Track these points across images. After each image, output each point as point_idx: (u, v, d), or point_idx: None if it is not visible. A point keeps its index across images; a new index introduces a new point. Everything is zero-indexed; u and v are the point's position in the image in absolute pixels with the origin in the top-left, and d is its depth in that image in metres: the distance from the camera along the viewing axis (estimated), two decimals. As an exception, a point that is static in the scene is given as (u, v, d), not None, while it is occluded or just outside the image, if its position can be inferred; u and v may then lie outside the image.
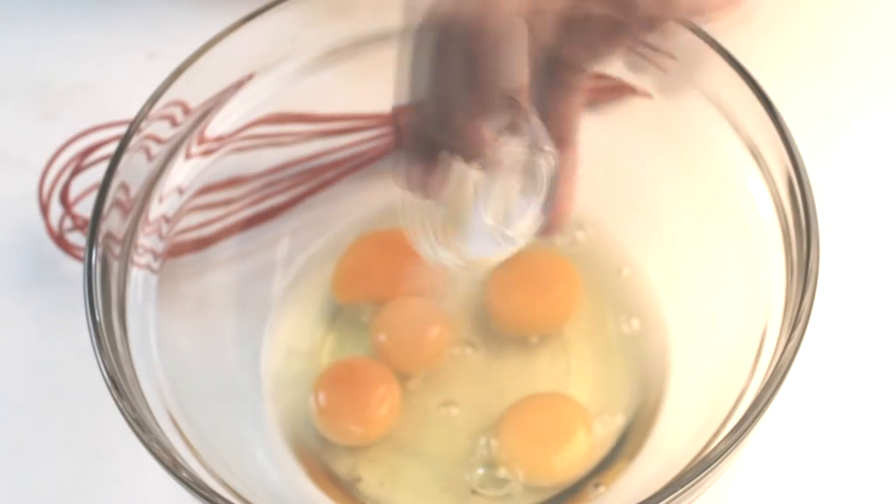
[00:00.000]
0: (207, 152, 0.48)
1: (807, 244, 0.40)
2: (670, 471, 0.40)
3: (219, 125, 0.48)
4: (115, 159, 0.44)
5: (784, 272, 0.42)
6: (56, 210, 0.52)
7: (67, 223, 0.52)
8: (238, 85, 0.48)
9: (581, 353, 0.50)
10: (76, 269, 0.45)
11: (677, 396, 0.47)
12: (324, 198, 0.53)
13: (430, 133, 0.37)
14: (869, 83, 0.58)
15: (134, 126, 0.44)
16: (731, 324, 0.45)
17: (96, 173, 0.46)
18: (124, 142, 0.44)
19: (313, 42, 0.49)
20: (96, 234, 0.42)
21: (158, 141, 0.45)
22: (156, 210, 0.46)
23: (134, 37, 0.61)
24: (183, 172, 0.47)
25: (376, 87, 0.49)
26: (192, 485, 0.38)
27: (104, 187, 0.43)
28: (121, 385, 0.39)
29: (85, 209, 0.48)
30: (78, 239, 0.52)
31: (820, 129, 0.52)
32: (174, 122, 0.46)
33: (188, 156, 0.47)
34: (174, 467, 0.38)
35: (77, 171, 0.52)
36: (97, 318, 0.41)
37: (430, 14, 0.35)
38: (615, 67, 0.42)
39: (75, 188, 0.51)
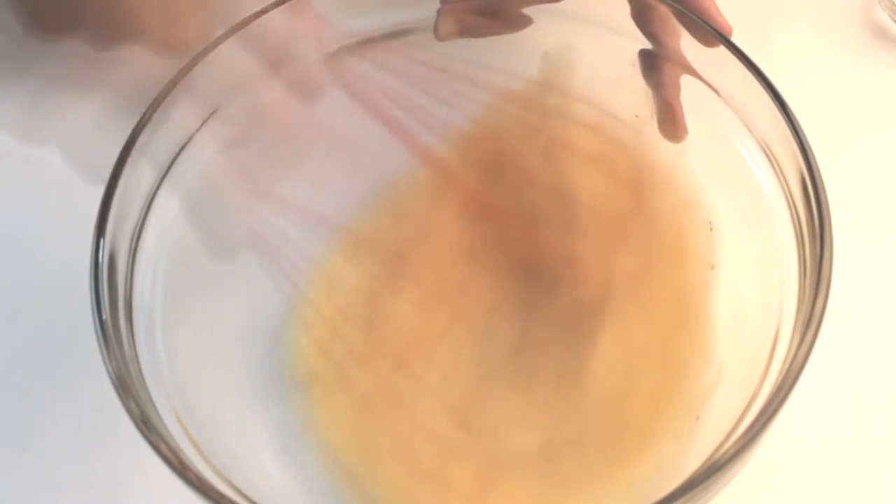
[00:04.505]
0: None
1: (820, 245, 0.40)
2: (683, 471, 0.39)
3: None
4: (122, 158, 0.43)
5: (797, 273, 0.42)
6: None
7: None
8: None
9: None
10: (84, 266, 0.45)
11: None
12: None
13: None
14: (885, 83, 0.58)
15: (141, 125, 0.44)
16: (743, 324, 0.44)
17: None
18: (131, 139, 0.43)
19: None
20: (103, 233, 0.42)
21: (165, 139, 0.45)
22: (164, 209, 0.45)
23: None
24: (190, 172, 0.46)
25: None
26: (199, 486, 0.37)
27: (111, 186, 0.42)
28: (127, 384, 0.39)
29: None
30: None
31: (834, 129, 0.52)
32: (181, 121, 0.45)
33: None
34: (181, 468, 0.37)
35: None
36: (104, 316, 0.40)
37: None
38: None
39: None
